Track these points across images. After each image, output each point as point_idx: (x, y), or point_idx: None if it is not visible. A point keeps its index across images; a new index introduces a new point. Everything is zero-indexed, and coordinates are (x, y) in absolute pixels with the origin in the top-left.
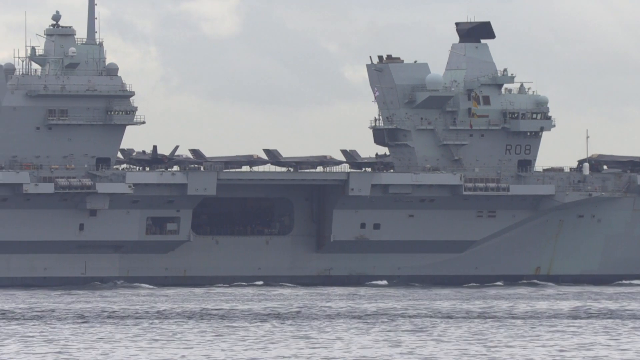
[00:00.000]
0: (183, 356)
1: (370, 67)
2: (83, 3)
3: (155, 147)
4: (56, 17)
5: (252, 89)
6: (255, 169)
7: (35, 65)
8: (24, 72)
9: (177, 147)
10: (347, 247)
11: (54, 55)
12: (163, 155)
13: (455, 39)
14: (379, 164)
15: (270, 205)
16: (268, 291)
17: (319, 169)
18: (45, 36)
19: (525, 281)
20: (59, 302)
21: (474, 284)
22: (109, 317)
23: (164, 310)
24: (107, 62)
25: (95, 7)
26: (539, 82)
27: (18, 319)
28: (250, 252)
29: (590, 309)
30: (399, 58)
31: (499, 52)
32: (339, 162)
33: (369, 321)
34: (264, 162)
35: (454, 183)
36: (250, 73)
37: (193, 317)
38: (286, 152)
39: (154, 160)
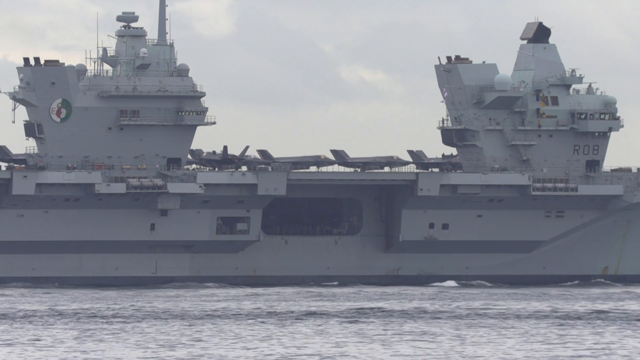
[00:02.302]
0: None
1: (438, 68)
2: (153, 4)
3: (225, 148)
4: (127, 18)
5: (247, 88)
6: (322, 169)
7: (106, 67)
8: (96, 73)
9: (247, 147)
10: (416, 247)
11: (125, 56)
12: (233, 156)
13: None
14: (447, 164)
15: (339, 206)
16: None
17: (386, 169)
18: (116, 37)
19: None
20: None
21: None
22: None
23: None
24: (178, 62)
25: (166, 8)
26: (606, 82)
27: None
28: (319, 252)
29: None
30: (467, 59)
31: (567, 52)
32: (406, 163)
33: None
34: (331, 163)
35: (522, 183)
36: (246, 73)
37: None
38: (351, 153)
39: (225, 160)
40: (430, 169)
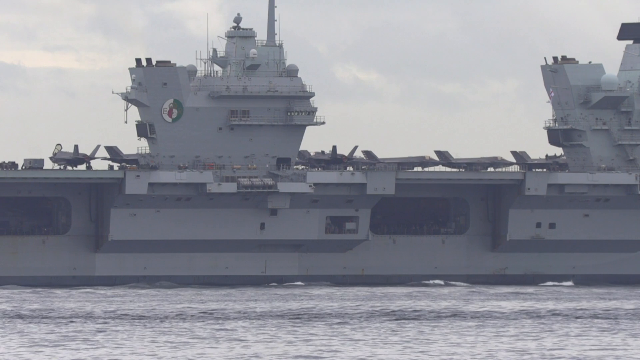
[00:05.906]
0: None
1: (544, 68)
2: (263, 5)
3: (334, 147)
4: (237, 19)
5: None
6: (427, 169)
7: (216, 67)
8: (206, 74)
9: (355, 147)
10: (523, 246)
11: (235, 57)
12: (342, 156)
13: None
14: (553, 165)
15: (446, 205)
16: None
17: (490, 169)
18: (226, 38)
19: None
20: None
21: None
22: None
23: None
24: (287, 63)
25: (275, 9)
26: None
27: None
28: (426, 251)
29: None
30: (573, 59)
31: None
32: (510, 163)
33: None
34: (435, 163)
35: (629, 183)
36: None
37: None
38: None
39: (334, 160)
40: (534, 169)
